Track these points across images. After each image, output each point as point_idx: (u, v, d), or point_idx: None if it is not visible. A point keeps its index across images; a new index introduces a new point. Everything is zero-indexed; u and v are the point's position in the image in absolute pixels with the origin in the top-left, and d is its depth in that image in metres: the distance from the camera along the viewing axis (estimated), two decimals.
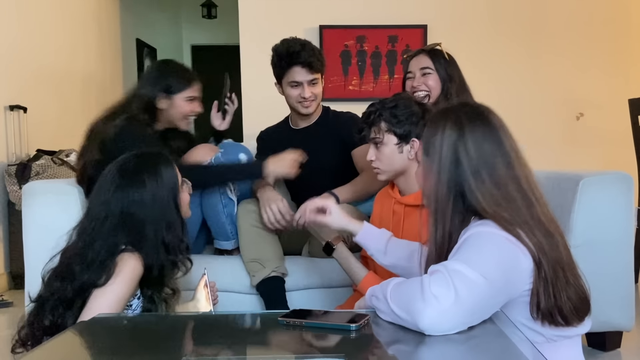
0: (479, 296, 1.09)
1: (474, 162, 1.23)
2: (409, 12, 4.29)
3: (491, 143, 1.24)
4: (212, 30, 7.82)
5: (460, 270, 1.09)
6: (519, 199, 1.22)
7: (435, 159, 1.26)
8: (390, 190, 1.92)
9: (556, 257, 1.19)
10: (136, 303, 1.59)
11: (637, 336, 2.43)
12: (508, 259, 1.15)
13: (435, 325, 1.05)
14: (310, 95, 2.26)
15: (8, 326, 2.81)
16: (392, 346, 1.12)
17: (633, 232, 2.25)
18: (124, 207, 1.57)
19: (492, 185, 1.22)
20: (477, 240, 1.17)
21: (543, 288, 1.17)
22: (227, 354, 1.07)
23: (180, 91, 2.22)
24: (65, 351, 1.12)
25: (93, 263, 1.51)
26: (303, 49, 2.21)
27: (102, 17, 5.32)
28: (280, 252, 2.21)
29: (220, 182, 2.22)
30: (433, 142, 1.28)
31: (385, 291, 1.16)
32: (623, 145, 3.73)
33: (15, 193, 3.42)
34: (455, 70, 2.17)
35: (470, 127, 1.25)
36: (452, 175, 1.24)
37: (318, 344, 1.10)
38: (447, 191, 1.24)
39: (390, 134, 1.80)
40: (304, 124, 2.39)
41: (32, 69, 3.98)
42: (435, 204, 1.26)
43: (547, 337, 1.21)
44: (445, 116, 1.29)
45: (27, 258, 2.15)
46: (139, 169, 1.62)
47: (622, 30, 4.47)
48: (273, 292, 2.11)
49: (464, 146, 1.24)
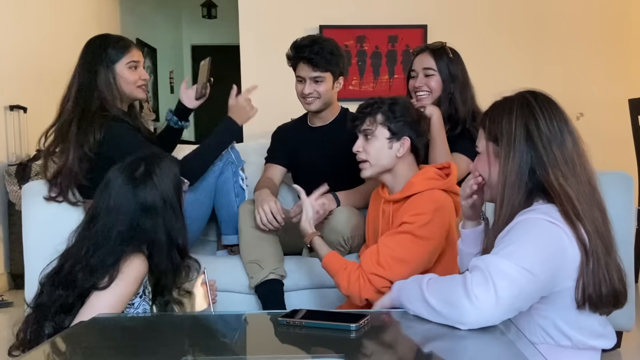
0: (520, 290, 1.11)
1: (545, 137, 1.27)
2: (409, 12, 4.29)
3: (559, 121, 1.29)
4: (212, 30, 7.82)
5: (500, 266, 1.12)
6: (582, 175, 1.27)
7: (505, 140, 1.29)
8: (380, 191, 1.94)
9: (608, 235, 1.25)
10: (138, 302, 1.58)
11: (637, 336, 2.43)
12: (554, 249, 1.18)
13: (478, 324, 1.09)
14: (311, 92, 2.23)
15: (8, 326, 2.80)
16: (392, 346, 1.12)
17: (633, 232, 2.25)
18: (135, 214, 1.55)
19: (562, 160, 1.26)
20: (522, 230, 1.19)
21: (597, 272, 1.20)
22: (227, 354, 1.07)
23: (119, 59, 2.14)
24: (65, 351, 1.12)
25: (98, 270, 1.49)
26: (311, 45, 2.17)
27: (102, 17, 5.32)
28: (280, 254, 2.20)
29: (215, 157, 2.22)
30: (501, 126, 1.30)
31: (421, 285, 1.18)
32: (623, 145, 3.73)
33: (15, 193, 3.42)
34: (460, 68, 2.18)
35: (539, 107, 1.30)
36: (524, 152, 1.27)
37: (318, 344, 1.10)
38: (518, 169, 1.27)
39: (384, 128, 1.82)
40: (320, 122, 2.37)
41: (32, 69, 3.98)
42: (504, 180, 1.28)
43: (574, 343, 1.23)
44: (511, 101, 1.33)
45: (27, 258, 2.14)
46: (149, 172, 1.59)
47: (622, 31, 4.46)
48: (271, 295, 2.10)
49: (535, 123, 1.28)
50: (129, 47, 2.17)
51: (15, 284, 3.51)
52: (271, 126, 2.55)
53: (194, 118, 8.17)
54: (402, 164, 1.84)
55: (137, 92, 2.20)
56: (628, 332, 2.26)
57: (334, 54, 2.21)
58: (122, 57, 2.15)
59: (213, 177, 2.23)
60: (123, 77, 2.15)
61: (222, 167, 2.25)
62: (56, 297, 1.51)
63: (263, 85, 4.12)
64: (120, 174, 1.60)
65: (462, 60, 2.21)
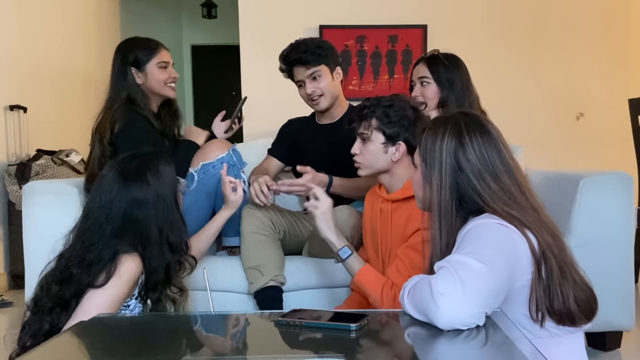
0: (486, 283, 1.11)
1: (476, 167, 1.26)
2: (409, 12, 4.29)
3: (491, 151, 1.27)
4: (212, 30, 7.81)
5: (463, 261, 1.12)
6: (524, 202, 1.26)
7: (436, 167, 1.28)
8: (378, 190, 1.94)
9: (564, 258, 1.23)
10: (134, 303, 1.58)
11: (637, 336, 2.43)
12: (508, 245, 1.19)
13: (452, 321, 1.08)
14: (314, 90, 2.24)
15: (8, 326, 2.81)
16: (392, 346, 1.12)
17: (633, 232, 2.25)
18: (127, 208, 1.55)
19: (499, 190, 1.25)
20: (476, 232, 1.20)
21: (550, 287, 1.19)
22: (227, 354, 1.07)
23: (150, 60, 2.26)
24: (64, 351, 1.12)
25: (93, 266, 1.50)
26: (294, 48, 2.23)
27: (102, 17, 5.32)
28: (282, 260, 2.20)
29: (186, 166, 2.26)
30: (432, 150, 1.30)
31: (403, 293, 1.19)
32: (623, 145, 3.73)
33: (15, 193, 3.42)
34: (457, 72, 2.14)
35: (470, 135, 1.28)
36: (454, 181, 1.27)
37: (318, 344, 1.10)
38: (449, 197, 1.27)
39: (379, 133, 1.82)
40: (327, 120, 2.38)
41: (32, 68, 3.98)
42: (438, 209, 1.28)
43: (551, 333, 1.23)
44: (444, 125, 1.31)
45: (27, 258, 2.15)
46: (140, 169, 1.60)
47: (622, 30, 4.46)
48: (270, 302, 2.10)
49: (464, 154, 1.26)
50: (157, 48, 2.30)
51: (15, 284, 3.51)
52: (271, 126, 2.55)
53: (193, 118, 8.19)
54: (398, 166, 1.84)
55: (166, 91, 2.30)
56: (628, 332, 2.26)
57: (321, 47, 2.24)
58: (152, 58, 2.26)
59: (213, 180, 2.23)
60: (154, 76, 2.26)
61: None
62: (53, 293, 1.51)
63: (263, 85, 4.14)
64: (112, 170, 1.62)
65: (461, 65, 2.17)
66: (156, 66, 2.26)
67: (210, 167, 2.23)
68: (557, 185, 2.18)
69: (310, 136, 2.38)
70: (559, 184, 2.18)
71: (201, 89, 8.18)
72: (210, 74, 7.99)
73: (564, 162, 4.16)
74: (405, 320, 1.16)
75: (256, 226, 2.14)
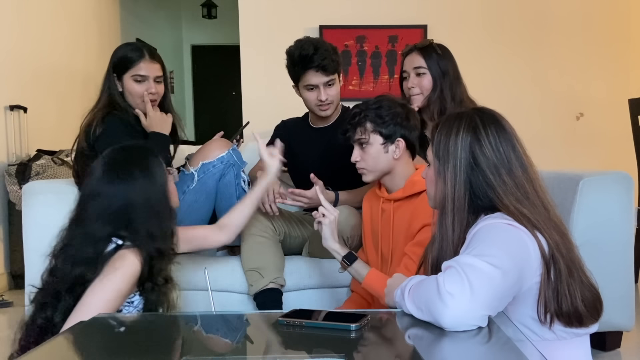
0: (494, 287, 1.11)
1: (491, 162, 1.26)
2: (409, 12, 4.29)
3: (506, 146, 1.28)
4: (212, 30, 7.82)
5: (473, 263, 1.12)
6: (536, 200, 1.26)
7: (450, 162, 1.29)
8: (378, 191, 1.95)
9: (572, 257, 1.23)
10: (138, 300, 1.58)
11: (637, 336, 2.43)
12: (518, 247, 1.19)
13: (457, 322, 1.07)
14: (328, 97, 2.22)
15: (8, 326, 2.81)
16: (392, 346, 1.12)
17: (633, 232, 2.25)
18: (115, 200, 1.56)
19: (513, 185, 1.26)
20: (487, 233, 1.20)
21: (558, 288, 1.19)
22: (227, 354, 1.07)
23: (127, 70, 2.14)
24: (64, 351, 1.12)
25: (82, 257, 1.50)
26: (316, 51, 2.16)
27: (102, 17, 5.32)
28: (281, 262, 2.19)
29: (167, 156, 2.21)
30: (446, 145, 1.30)
31: (404, 291, 1.18)
32: (623, 145, 3.73)
33: (15, 193, 3.42)
34: (449, 63, 2.17)
35: (486, 130, 1.28)
36: (469, 176, 1.27)
37: (318, 344, 1.10)
38: (464, 192, 1.27)
39: (376, 134, 1.83)
40: (322, 124, 2.37)
41: (32, 68, 3.98)
42: (452, 204, 1.28)
43: (558, 335, 1.23)
44: (459, 120, 1.31)
45: (27, 258, 2.15)
46: (127, 161, 1.61)
47: (622, 30, 4.46)
48: (270, 304, 2.09)
49: (480, 148, 1.27)
50: (137, 60, 2.13)
51: (15, 284, 3.51)
52: (270, 126, 2.55)
53: (193, 118, 8.19)
54: (400, 163, 1.85)
55: (141, 106, 2.17)
56: (628, 332, 2.26)
57: (337, 53, 2.23)
58: (128, 70, 2.14)
59: (213, 180, 2.22)
60: (127, 89, 2.16)
61: (222, 169, 2.22)
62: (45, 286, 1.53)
63: (262, 85, 4.14)
64: (99, 162, 1.63)
65: (451, 55, 2.19)
66: (131, 79, 2.14)
67: (210, 167, 2.22)
68: (557, 185, 2.18)
69: (304, 140, 2.37)
70: (559, 184, 2.18)
71: (201, 89, 8.19)
72: (210, 74, 8.00)
73: (564, 162, 4.15)
74: (405, 320, 1.16)
75: (257, 228, 2.14)
